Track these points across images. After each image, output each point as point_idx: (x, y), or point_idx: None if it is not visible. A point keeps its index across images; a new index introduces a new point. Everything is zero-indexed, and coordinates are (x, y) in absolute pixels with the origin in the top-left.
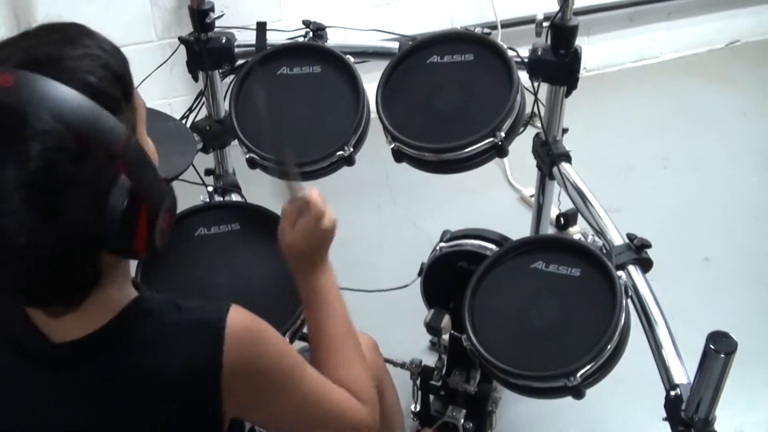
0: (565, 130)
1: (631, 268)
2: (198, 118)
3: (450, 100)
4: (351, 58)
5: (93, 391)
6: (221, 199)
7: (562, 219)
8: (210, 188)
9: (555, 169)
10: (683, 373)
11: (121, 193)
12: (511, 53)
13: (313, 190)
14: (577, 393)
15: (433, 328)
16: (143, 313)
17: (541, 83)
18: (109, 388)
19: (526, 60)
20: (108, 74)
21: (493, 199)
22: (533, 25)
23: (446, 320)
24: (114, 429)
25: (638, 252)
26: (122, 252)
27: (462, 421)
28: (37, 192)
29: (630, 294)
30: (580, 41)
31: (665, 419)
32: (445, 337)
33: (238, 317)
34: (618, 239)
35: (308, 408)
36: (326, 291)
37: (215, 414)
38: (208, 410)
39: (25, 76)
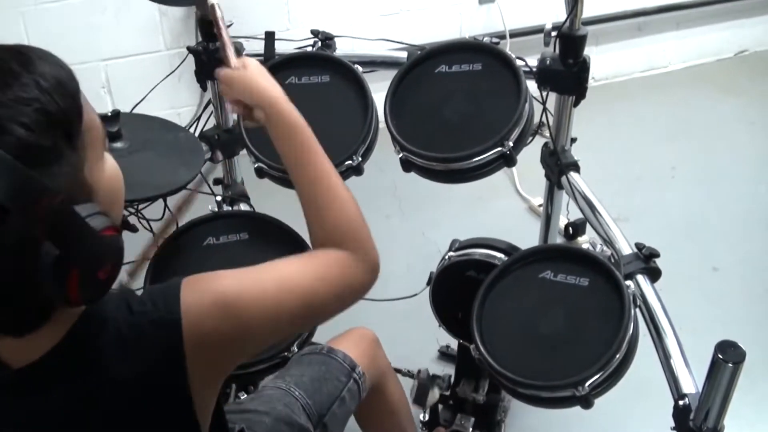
0: (573, 140)
1: (640, 278)
2: (206, 128)
3: (458, 109)
4: (359, 68)
5: (53, 413)
6: (230, 208)
7: (570, 228)
8: (219, 198)
9: (563, 179)
10: (691, 383)
11: (47, 256)
12: (519, 63)
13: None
14: (586, 403)
15: (419, 397)
16: (96, 324)
17: (550, 93)
18: (69, 406)
19: (534, 69)
20: (43, 120)
21: (502, 209)
22: (542, 35)
23: (432, 395)
24: None
25: (647, 261)
26: (56, 302)
27: (470, 429)
28: None
29: (638, 303)
30: (588, 51)
31: (673, 429)
32: (454, 346)
33: (191, 298)
34: (626, 249)
35: (302, 309)
36: (303, 126)
37: (183, 397)
38: (175, 396)
39: None
